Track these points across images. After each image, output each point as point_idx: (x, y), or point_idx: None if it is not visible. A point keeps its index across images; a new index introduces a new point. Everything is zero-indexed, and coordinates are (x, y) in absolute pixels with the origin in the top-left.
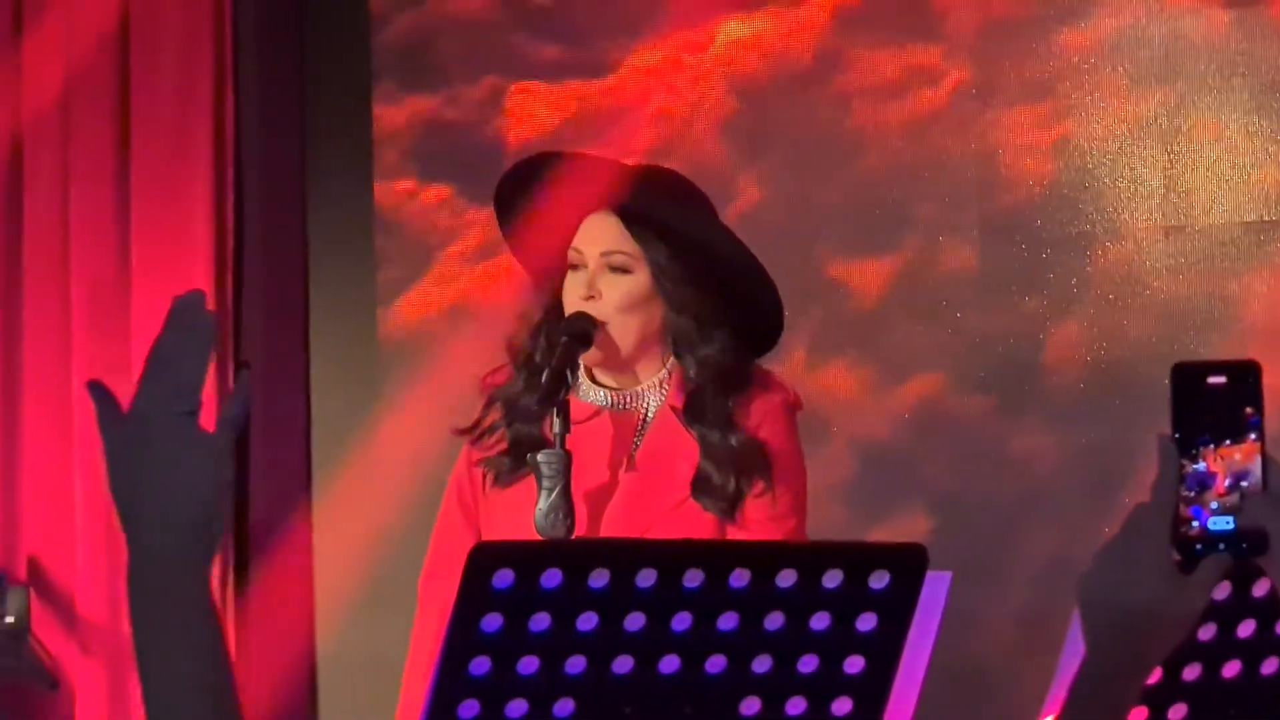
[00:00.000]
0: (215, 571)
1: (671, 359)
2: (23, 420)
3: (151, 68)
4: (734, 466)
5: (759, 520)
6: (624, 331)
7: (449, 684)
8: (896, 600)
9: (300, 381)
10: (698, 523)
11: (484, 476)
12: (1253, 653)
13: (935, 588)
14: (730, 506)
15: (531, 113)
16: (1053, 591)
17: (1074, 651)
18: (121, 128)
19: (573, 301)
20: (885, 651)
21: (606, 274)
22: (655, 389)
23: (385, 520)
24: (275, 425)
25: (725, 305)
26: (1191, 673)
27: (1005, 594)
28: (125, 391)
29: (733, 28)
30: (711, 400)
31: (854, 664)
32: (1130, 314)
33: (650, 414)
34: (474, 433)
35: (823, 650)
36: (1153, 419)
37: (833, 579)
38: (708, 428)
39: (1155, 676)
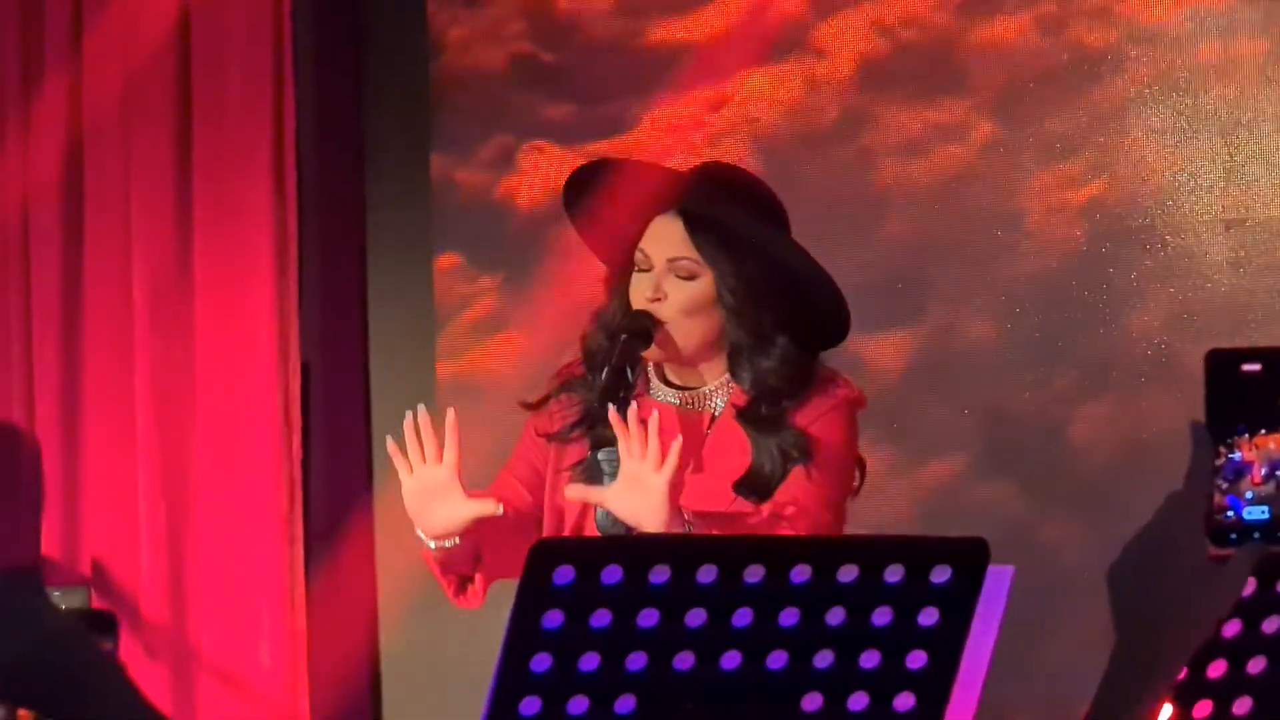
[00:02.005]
0: (280, 570)
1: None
2: (85, 420)
3: (212, 73)
4: (781, 465)
5: (785, 504)
6: (687, 333)
7: (511, 681)
8: (958, 594)
9: (360, 382)
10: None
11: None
12: None
13: (997, 582)
14: (760, 499)
15: (544, 173)
16: (1082, 688)
17: None
18: (182, 132)
19: (639, 302)
20: (948, 646)
21: (673, 278)
22: (722, 389)
23: None
24: (336, 426)
25: (788, 307)
26: (1256, 666)
27: (1031, 691)
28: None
29: (754, 82)
30: (767, 408)
31: (916, 659)
32: (1192, 308)
33: (718, 413)
34: (539, 407)
35: (885, 645)
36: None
37: (894, 574)
38: (760, 432)
39: (1220, 670)
